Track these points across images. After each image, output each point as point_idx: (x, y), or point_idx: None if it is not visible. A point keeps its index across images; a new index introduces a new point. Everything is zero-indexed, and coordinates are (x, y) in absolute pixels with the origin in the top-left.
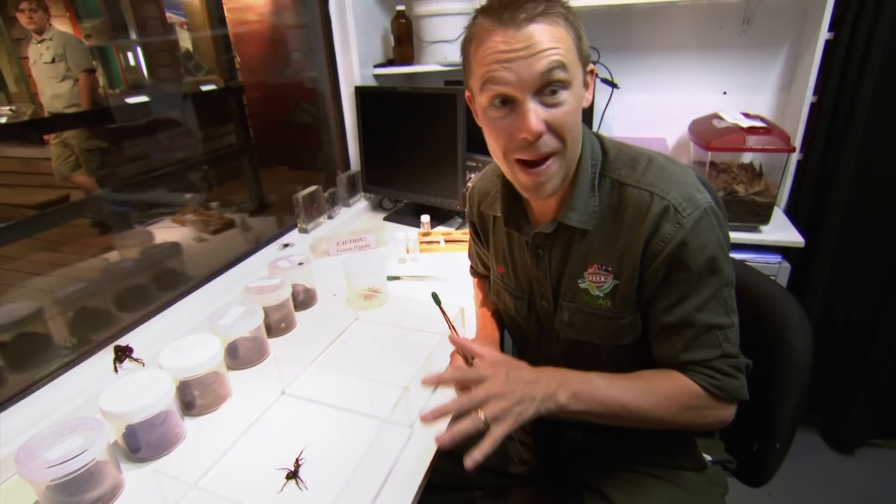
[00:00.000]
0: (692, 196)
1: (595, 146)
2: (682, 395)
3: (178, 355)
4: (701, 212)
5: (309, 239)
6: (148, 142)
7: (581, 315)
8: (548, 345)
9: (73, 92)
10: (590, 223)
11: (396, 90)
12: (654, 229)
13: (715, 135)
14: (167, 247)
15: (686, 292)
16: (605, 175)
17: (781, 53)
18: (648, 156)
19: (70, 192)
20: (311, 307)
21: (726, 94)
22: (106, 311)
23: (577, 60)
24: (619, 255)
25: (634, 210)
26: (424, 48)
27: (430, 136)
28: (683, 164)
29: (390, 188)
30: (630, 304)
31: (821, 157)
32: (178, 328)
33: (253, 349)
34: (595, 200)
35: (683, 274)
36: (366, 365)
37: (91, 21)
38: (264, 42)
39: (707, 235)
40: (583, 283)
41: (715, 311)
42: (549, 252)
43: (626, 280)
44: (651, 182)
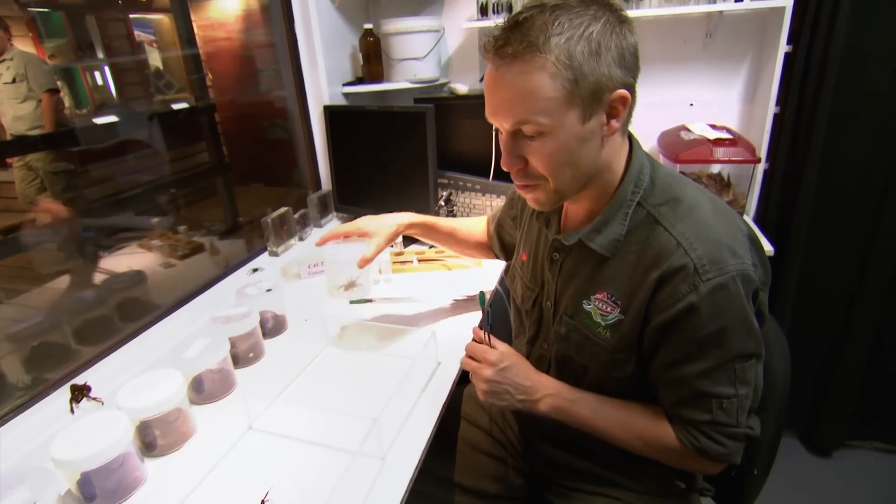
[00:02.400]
0: (722, 259)
1: (644, 173)
2: (660, 441)
3: (138, 394)
4: (725, 279)
5: (279, 262)
6: (116, 163)
7: (577, 335)
8: (542, 345)
9: (37, 113)
10: (611, 250)
11: (365, 109)
12: (666, 282)
13: (683, 147)
14: (131, 275)
15: (687, 357)
16: (644, 206)
17: (744, 66)
18: (695, 200)
19: (36, 216)
20: (281, 334)
21: (693, 105)
22: (64, 347)
23: (562, 105)
24: (631, 291)
25: (656, 254)
26: (394, 66)
27: (400, 155)
28: (736, 219)
29: (363, 207)
30: (629, 343)
31: (786, 167)
32: (141, 362)
33: (219, 382)
34: (623, 229)
35: (687, 338)
36: (336, 394)
37: (55, 41)
38: (237, 59)
39: (723, 306)
40: (588, 305)
41: (717, 380)
42: (564, 259)
43: (630, 319)
44: (683, 231)
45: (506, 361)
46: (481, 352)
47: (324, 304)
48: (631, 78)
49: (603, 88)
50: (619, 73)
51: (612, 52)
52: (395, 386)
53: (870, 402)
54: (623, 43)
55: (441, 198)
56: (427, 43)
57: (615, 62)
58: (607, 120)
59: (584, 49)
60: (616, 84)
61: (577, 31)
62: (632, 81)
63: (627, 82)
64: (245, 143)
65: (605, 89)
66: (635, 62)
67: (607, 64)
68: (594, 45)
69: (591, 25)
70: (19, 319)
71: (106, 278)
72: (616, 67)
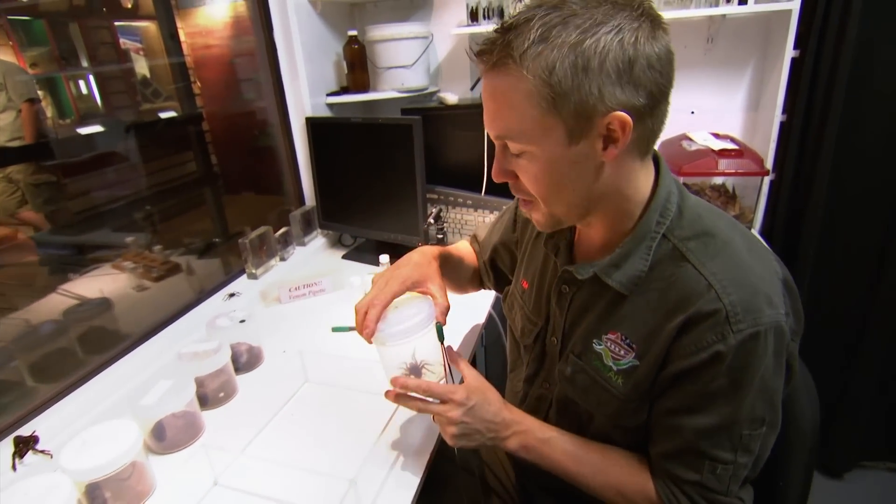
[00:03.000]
0: (757, 308)
1: (671, 201)
2: (637, 494)
3: (86, 450)
4: (758, 331)
5: (258, 285)
6: (100, 175)
7: (584, 377)
8: (544, 384)
9: (16, 124)
10: (630, 288)
11: (349, 121)
12: (692, 327)
13: (686, 158)
14: (95, 304)
15: (692, 407)
16: (670, 239)
17: (747, 72)
18: (728, 236)
19: (17, 229)
20: (256, 368)
21: (694, 113)
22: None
23: (540, 125)
24: (649, 335)
25: (682, 294)
26: (380, 74)
27: (387, 169)
28: (771, 260)
29: (348, 225)
30: (642, 392)
31: (793, 177)
32: (99, 405)
33: (183, 429)
34: (646, 264)
35: (698, 388)
36: (314, 440)
37: (36, 49)
38: (226, 66)
39: (747, 360)
40: (598, 346)
41: (718, 442)
42: (574, 293)
43: (646, 365)
44: (715, 271)
45: (474, 399)
46: (444, 391)
47: (303, 333)
48: (642, 97)
49: (592, 111)
50: (618, 92)
51: (610, 66)
52: (378, 430)
53: (881, 423)
54: (632, 53)
55: (430, 214)
56: (415, 50)
57: (613, 79)
58: (604, 145)
59: (568, 63)
60: (612, 106)
61: (565, 41)
62: (639, 102)
63: (630, 104)
64: (235, 151)
65: (596, 112)
66: (655, 76)
67: (598, 83)
68: (582, 60)
69: (587, 33)
70: None
71: (67, 308)
72: (613, 85)
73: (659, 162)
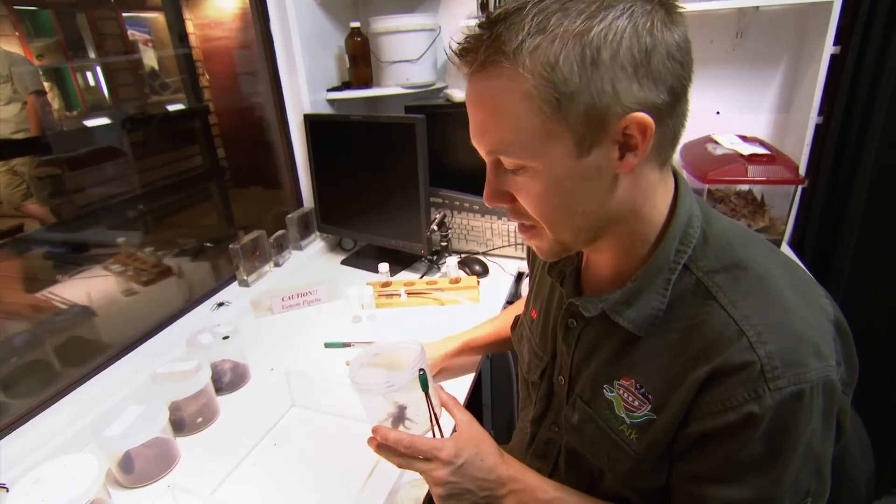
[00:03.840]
0: (802, 362)
1: (693, 225)
2: None
3: (36, 492)
4: (800, 389)
5: (250, 294)
6: (105, 168)
7: (593, 429)
8: (553, 427)
9: (22, 115)
10: (644, 329)
11: (349, 119)
12: (719, 381)
13: (712, 164)
14: (74, 313)
15: (721, 477)
16: (692, 271)
17: (779, 69)
18: (766, 269)
19: (24, 221)
20: (240, 387)
21: (720, 113)
22: None
23: (542, 134)
24: (667, 385)
25: (708, 341)
26: (384, 69)
27: (388, 171)
28: (819, 298)
29: (348, 228)
30: (660, 451)
31: (828, 186)
32: (64, 431)
33: (154, 460)
34: (663, 302)
35: (728, 455)
36: (296, 478)
37: (43, 40)
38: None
39: (789, 424)
40: (610, 393)
41: None
42: (583, 329)
43: (665, 421)
44: (748, 314)
45: (464, 455)
46: (429, 448)
47: (294, 348)
48: (663, 93)
49: (605, 112)
50: (635, 87)
51: (624, 57)
52: (370, 464)
53: None
54: (650, 41)
55: (434, 220)
56: (421, 43)
57: (630, 72)
58: (620, 154)
59: (574, 56)
60: (629, 105)
61: (567, 29)
62: (660, 100)
63: (650, 101)
64: (243, 144)
65: (610, 113)
66: (676, 68)
67: (612, 77)
68: (591, 51)
69: (594, 19)
70: None
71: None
72: (630, 80)
73: (678, 179)
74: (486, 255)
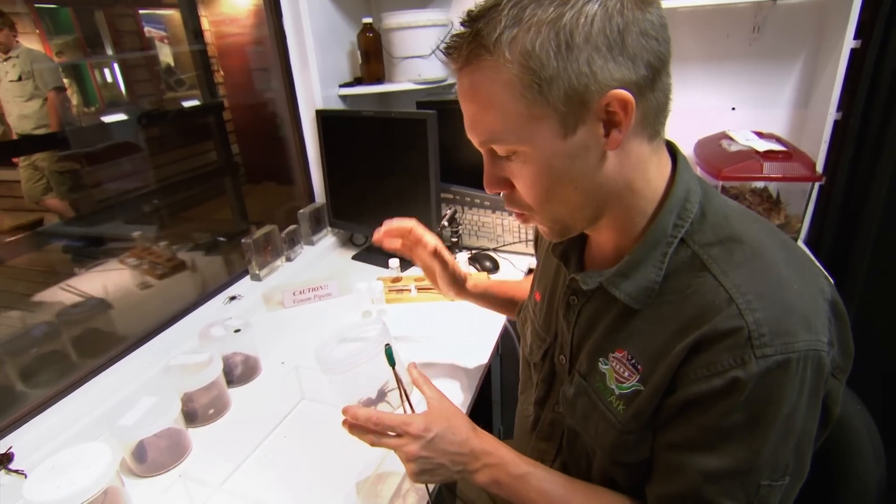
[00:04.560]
0: (790, 331)
1: (691, 202)
2: None
3: (53, 479)
4: (788, 360)
5: (262, 288)
6: (122, 163)
7: (585, 401)
8: (555, 409)
9: (42, 111)
10: (641, 301)
11: (361, 114)
12: (705, 347)
13: (726, 160)
14: (91, 305)
15: (701, 444)
16: (689, 244)
17: (797, 65)
18: (760, 243)
19: (42, 215)
20: (252, 380)
21: (735, 109)
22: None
23: (527, 119)
24: (657, 356)
25: (698, 309)
26: (396, 65)
27: (400, 166)
28: (817, 277)
29: (359, 224)
30: (643, 422)
31: (847, 183)
32: (80, 420)
33: (166, 450)
34: (659, 274)
35: (709, 422)
36: (304, 470)
37: (63, 37)
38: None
39: (773, 394)
40: (604, 366)
41: (728, 490)
42: (583, 305)
43: (650, 391)
44: (739, 284)
45: (434, 429)
46: (398, 423)
47: (306, 342)
48: (641, 68)
49: (585, 92)
50: (612, 66)
51: (598, 38)
52: (377, 458)
53: None
54: (621, 21)
55: (444, 216)
56: (433, 39)
57: (604, 52)
58: (606, 130)
59: (549, 42)
60: (607, 83)
61: (541, 18)
62: (638, 75)
63: (628, 79)
64: (257, 140)
65: (590, 92)
66: (652, 44)
67: (587, 58)
68: (564, 35)
69: (565, 6)
70: None
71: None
72: (605, 59)
73: (676, 154)
74: (496, 251)
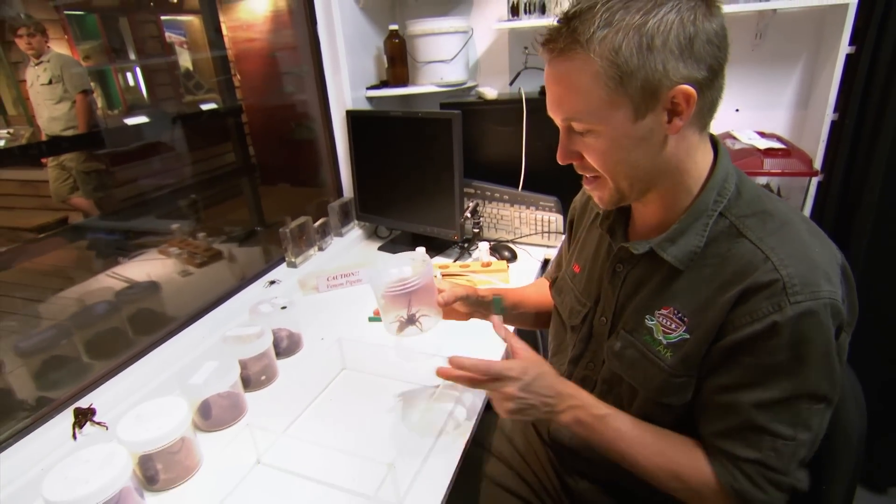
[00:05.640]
0: (816, 283)
1: (729, 181)
2: (692, 480)
3: (139, 424)
4: (817, 305)
5: (297, 274)
6: (145, 164)
7: (633, 352)
8: (589, 365)
9: (71, 114)
10: (685, 263)
11: (389, 114)
12: (747, 298)
13: (730, 157)
14: (144, 287)
15: (750, 382)
16: (727, 217)
17: (797, 68)
18: (788, 217)
19: (69, 214)
20: (295, 353)
21: (738, 111)
22: (73, 361)
23: (608, 104)
24: (702, 309)
25: (738, 267)
26: (419, 69)
27: (425, 162)
28: (831, 245)
29: (385, 217)
30: (691, 367)
31: (843, 180)
32: (150, 383)
33: (227, 409)
34: (701, 240)
35: (755, 362)
36: (351, 423)
37: (89, 43)
38: (265, 60)
39: (808, 334)
40: (650, 321)
41: (778, 415)
42: (629, 272)
43: (697, 339)
44: (773, 246)
45: (531, 373)
46: (501, 368)
47: (341, 322)
48: (703, 70)
49: (657, 86)
50: (681, 66)
51: (672, 43)
52: (415, 418)
53: None
54: (692, 30)
55: (467, 208)
56: (455, 45)
57: (677, 54)
58: (669, 118)
59: (633, 44)
60: (676, 79)
61: (629, 23)
62: (701, 75)
63: (693, 77)
64: (272, 143)
65: (662, 87)
66: (714, 51)
67: (663, 59)
68: (646, 39)
69: (649, 14)
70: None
71: (119, 290)
72: (677, 60)
73: (717, 145)
74: (514, 242)
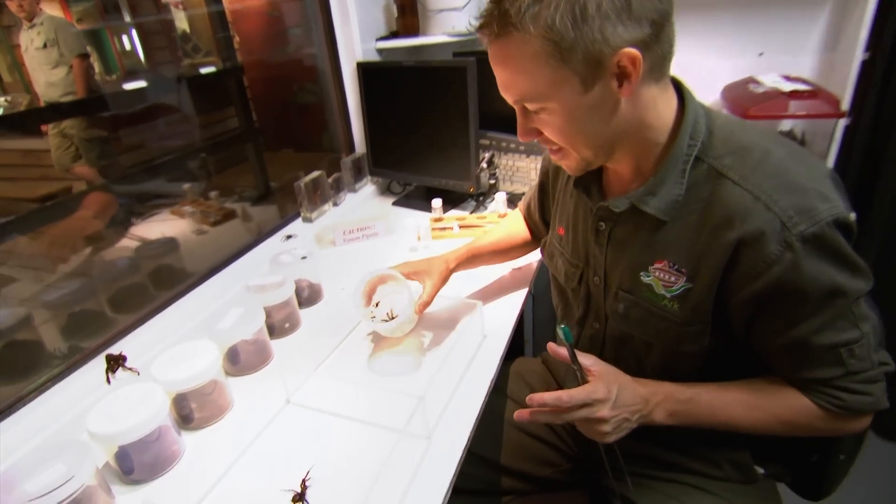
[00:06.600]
0: (811, 207)
1: (699, 124)
2: (800, 417)
3: (173, 366)
4: (819, 228)
5: (313, 228)
6: (147, 129)
7: (639, 310)
8: (594, 324)
9: (69, 79)
10: (669, 213)
11: (401, 64)
12: (750, 245)
13: (753, 101)
14: (163, 243)
15: (799, 317)
16: (703, 160)
17: (825, 8)
18: (766, 147)
19: (72, 183)
20: (316, 303)
21: (762, 55)
22: (99, 315)
23: (553, 82)
24: (698, 257)
25: (727, 212)
26: (430, 18)
27: (439, 114)
28: (815, 161)
29: (399, 171)
30: (702, 314)
31: (872, 122)
32: (176, 332)
33: (255, 353)
34: (681, 188)
35: (793, 301)
36: (377, 368)
37: (82, 4)
38: (264, 18)
39: (825, 258)
40: (647, 278)
41: (839, 328)
42: (612, 229)
43: (701, 286)
44: (759, 183)
45: (613, 389)
46: (586, 394)
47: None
48: (646, 27)
49: (599, 55)
50: (621, 29)
51: (607, 7)
52: (439, 360)
53: None
54: None
55: (483, 160)
56: None
57: (613, 18)
58: (619, 83)
59: (566, 16)
60: (618, 44)
61: None
62: (644, 34)
63: (635, 38)
64: (274, 108)
65: (604, 55)
66: (654, 4)
67: (599, 26)
68: (579, 9)
69: None
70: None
71: (139, 245)
72: (615, 24)
73: (681, 88)
74: None
